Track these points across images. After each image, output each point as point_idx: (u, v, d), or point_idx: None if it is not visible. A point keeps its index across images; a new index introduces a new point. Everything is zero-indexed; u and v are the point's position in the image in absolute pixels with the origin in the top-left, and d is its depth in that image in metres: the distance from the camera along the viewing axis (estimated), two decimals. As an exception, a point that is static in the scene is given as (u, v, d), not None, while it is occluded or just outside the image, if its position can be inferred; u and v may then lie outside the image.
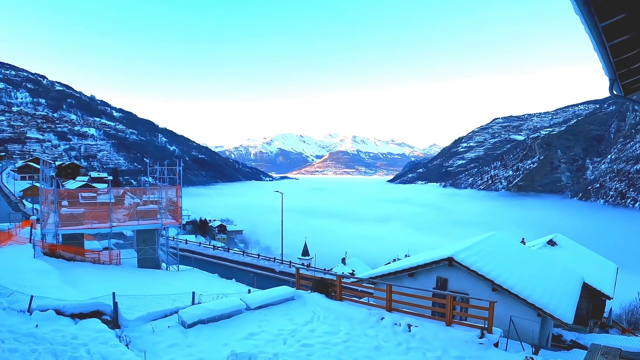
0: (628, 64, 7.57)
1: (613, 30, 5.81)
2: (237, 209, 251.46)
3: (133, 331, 16.19)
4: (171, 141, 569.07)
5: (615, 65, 7.22)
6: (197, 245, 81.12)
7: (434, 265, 24.14)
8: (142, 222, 43.27)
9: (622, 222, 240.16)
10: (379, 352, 15.60)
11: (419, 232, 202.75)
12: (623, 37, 6.16)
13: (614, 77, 7.77)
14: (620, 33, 6.02)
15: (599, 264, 45.22)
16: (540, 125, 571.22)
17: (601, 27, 5.51)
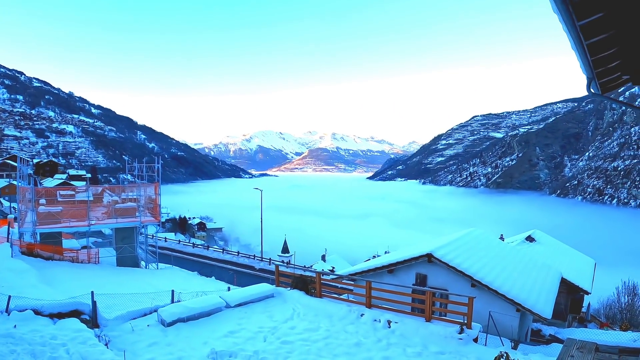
0: (605, 63, 7.66)
1: (591, 29, 5.88)
2: (216, 207, 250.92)
3: (112, 330, 16.04)
4: (150, 138, 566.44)
5: (592, 64, 7.30)
6: (177, 243, 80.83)
7: (413, 262, 24.31)
8: (121, 220, 42.84)
9: (600, 219, 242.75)
10: (359, 349, 15.64)
11: (398, 228, 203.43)
12: (600, 35, 6.24)
13: (592, 76, 7.86)
14: (597, 32, 6.09)
15: (577, 259, 45.67)
16: (519, 123, 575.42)
17: (579, 25, 5.58)
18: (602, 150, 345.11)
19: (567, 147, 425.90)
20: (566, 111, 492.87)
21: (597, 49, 6.79)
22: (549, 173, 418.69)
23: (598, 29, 6.01)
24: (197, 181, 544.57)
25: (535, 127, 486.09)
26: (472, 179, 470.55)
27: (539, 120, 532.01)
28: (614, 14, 5.64)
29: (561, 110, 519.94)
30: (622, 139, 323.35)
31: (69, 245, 43.01)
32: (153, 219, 45.68)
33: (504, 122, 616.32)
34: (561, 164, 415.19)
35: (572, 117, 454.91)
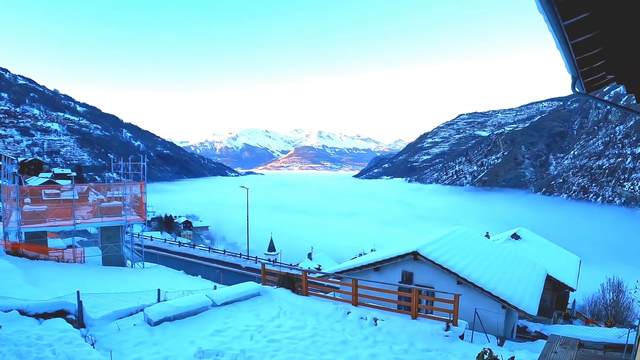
0: (590, 62, 7.72)
1: (576, 28, 5.92)
2: (202, 205, 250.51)
3: (98, 330, 15.94)
4: (136, 136, 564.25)
5: (577, 63, 7.35)
6: (163, 242, 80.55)
7: (399, 260, 24.40)
8: (106, 219, 42.68)
9: (585, 216, 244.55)
10: (345, 346, 15.69)
11: (384, 226, 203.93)
12: (586, 35, 6.30)
13: (577, 75, 7.92)
14: (583, 32, 6.14)
15: (562, 257, 46.07)
16: (505, 121, 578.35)
17: (564, 25, 5.62)
18: (587, 148, 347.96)
19: (553, 145, 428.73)
20: (552, 110, 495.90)
21: (582, 48, 6.84)
22: (534, 171, 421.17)
23: (583, 28, 6.05)
24: (183, 179, 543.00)
25: (521, 126, 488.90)
26: (458, 177, 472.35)
27: (524, 119, 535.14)
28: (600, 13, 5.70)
29: (547, 109, 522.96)
30: (607, 138, 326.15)
31: (55, 245, 42.79)
32: (139, 217, 45.53)
33: (490, 121, 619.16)
34: (546, 162, 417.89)
35: (558, 116, 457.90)
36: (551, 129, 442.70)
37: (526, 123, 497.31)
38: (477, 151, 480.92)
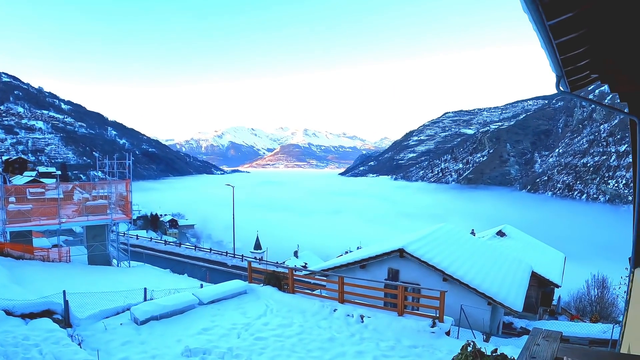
0: (575, 61, 7.81)
1: (560, 28, 5.98)
2: (188, 203, 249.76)
3: (85, 330, 15.93)
4: (121, 134, 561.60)
5: (562, 63, 7.43)
6: (149, 241, 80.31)
7: (385, 257, 24.56)
8: (92, 217, 42.44)
9: (570, 214, 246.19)
10: (332, 344, 15.77)
11: (370, 224, 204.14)
12: (570, 35, 6.36)
13: (561, 74, 7.99)
14: (567, 31, 6.20)
15: (547, 253, 46.45)
16: (490, 119, 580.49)
17: (548, 25, 5.69)
18: (572, 146, 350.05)
19: (538, 143, 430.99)
20: (537, 108, 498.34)
21: (567, 47, 6.92)
22: (519, 169, 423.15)
23: (568, 28, 6.12)
24: (169, 178, 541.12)
25: (506, 124, 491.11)
26: (444, 175, 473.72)
27: (509, 117, 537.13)
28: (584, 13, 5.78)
29: (532, 107, 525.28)
30: (592, 136, 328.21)
31: (40, 244, 42.58)
32: (124, 216, 45.41)
33: (475, 119, 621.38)
34: (531, 160, 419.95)
35: (543, 114, 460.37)
36: (536, 127, 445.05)
37: (511, 121, 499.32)
38: (463, 149, 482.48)
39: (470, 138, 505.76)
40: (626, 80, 8.44)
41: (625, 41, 7.13)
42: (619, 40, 7.10)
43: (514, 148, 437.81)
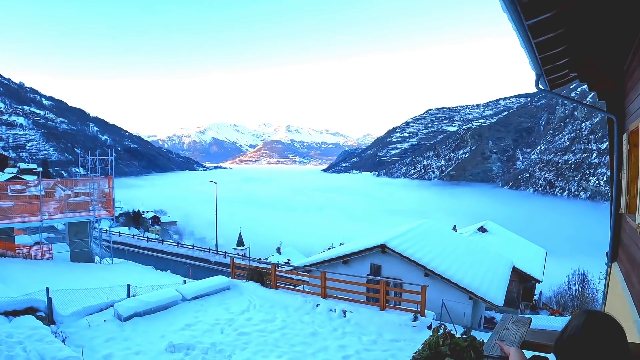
0: (554, 60, 8.00)
1: (538, 28, 6.13)
2: (170, 200, 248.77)
3: (69, 327, 15.98)
4: (103, 130, 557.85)
5: (541, 61, 7.61)
6: (131, 238, 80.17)
7: (367, 252, 24.72)
8: (74, 214, 42.24)
9: (551, 210, 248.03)
10: (315, 338, 15.92)
11: (353, 220, 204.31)
12: (548, 34, 6.52)
13: (540, 72, 8.18)
14: (546, 31, 6.36)
15: (528, 249, 46.96)
16: (473, 116, 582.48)
17: (527, 25, 5.84)
18: (554, 144, 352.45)
19: (520, 140, 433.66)
20: (519, 106, 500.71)
21: (546, 46, 7.10)
22: (501, 166, 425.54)
23: (546, 28, 6.29)
24: (151, 174, 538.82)
25: (489, 121, 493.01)
26: (426, 172, 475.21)
27: (492, 115, 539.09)
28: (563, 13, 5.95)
29: (514, 104, 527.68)
30: (573, 134, 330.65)
31: (22, 241, 42.35)
32: (107, 212, 45.28)
33: (458, 116, 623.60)
34: (513, 157, 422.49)
35: (525, 111, 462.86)
36: (518, 125, 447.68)
37: (494, 118, 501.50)
38: (445, 146, 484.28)
39: (452, 135, 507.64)
40: (604, 79, 8.68)
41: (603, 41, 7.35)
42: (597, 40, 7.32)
43: (496, 145, 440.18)
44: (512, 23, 5.62)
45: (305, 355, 14.58)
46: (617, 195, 9.06)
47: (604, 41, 7.34)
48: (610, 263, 10.41)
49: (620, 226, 9.32)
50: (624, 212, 8.31)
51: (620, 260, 9.22)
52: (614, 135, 9.21)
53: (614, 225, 9.63)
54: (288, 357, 14.43)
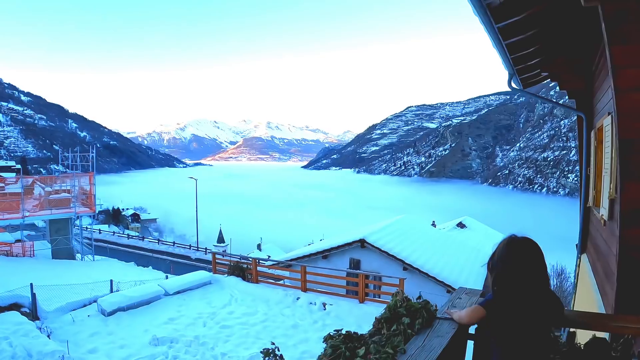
0: (525, 60, 8.42)
1: (509, 30, 6.48)
2: (150, 197, 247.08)
3: (53, 322, 16.24)
4: (82, 127, 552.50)
5: (513, 61, 8.02)
6: (111, 235, 79.95)
7: (347, 247, 25.12)
8: (56, 211, 42.20)
9: (530, 206, 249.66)
10: (296, 330, 16.34)
11: (333, 217, 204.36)
12: (518, 36, 6.90)
13: (513, 72, 8.58)
14: (515, 33, 6.73)
15: (507, 244, 47.60)
16: (453, 114, 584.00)
17: (497, 27, 6.20)
18: (533, 141, 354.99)
19: (499, 137, 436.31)
20: (498, 103, 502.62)
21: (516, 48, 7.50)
22: (481, 163, 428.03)
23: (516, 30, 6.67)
24: (131, 171, 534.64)
25: (468, 119, 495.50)
26: (406, 168, 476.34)
27: (472, 112, 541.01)
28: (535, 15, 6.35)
29: (494, 102, 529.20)
30: (552, 131, 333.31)
31: (2, 239, 42.28)
32: (88, 209, 45.30)
33: (438, 113, 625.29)
34: (493, 154, 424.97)
35: (504, 109, 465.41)
36: (498, 122, 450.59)
37: (473, 116, 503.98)
38: (425, 143, 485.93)
39: (432, 132, 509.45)
40: (574, 79, 9.13)
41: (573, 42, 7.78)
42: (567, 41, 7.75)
43: (476, 142, 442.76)
44: (484, 25, 5.99)
45: (286, 346, 14.92)
46: (586, 189, 9.52)
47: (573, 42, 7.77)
48: (580, 254, 10.87)
49: (588, 219, 9.78)
50: (591, 206, 8.76)
51: (588, 251, 9.67)
52: (583, 132, 9.68)
53: (583, 218, 10.11)
54: (270, 348, 14.81)
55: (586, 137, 9.36)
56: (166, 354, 14.19)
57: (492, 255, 2.99)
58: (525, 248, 2.85)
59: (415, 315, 2.99)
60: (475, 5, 5.33)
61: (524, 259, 2.81)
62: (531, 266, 2.80)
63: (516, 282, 2.79)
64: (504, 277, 2.85)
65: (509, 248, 2.91)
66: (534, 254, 2.82)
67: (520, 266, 2.79)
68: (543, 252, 2.87)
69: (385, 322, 3.03)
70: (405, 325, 2.89)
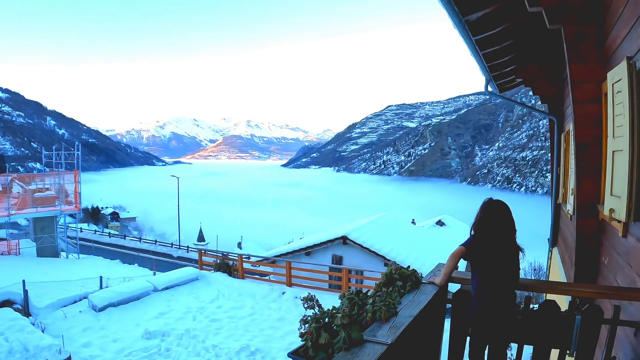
0: (501, 68, 9.16)
1: (485, 42, 7.20)
2: (129, 195, 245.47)
3: (45, 318, 16.52)
4: (61, 124, 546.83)
5: (489, 69, 8.75)
6: (93, 233, 79.82)
7: (329, 244, 25.81)
8: (41, 209, 42.22)
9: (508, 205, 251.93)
10: (283, 322, 16.99)
11: (312, 215, 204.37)
12: (494, 47, 7.60)
13: (489, 78, 9.34)
14: (490, 45, 7.44)
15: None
16: (432, 113, 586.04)
17: (475, 40, 6.88)
18: (512, 141, 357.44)
19: (478, 137, 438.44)
20: (478, 103, 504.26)
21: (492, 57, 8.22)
22: (460, 162, 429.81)
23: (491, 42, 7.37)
24: (110, 169, 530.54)
25: (448, 118, 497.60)
26: (386, 167, 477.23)
27: (451, 111, 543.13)
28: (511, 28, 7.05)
29: (473, 102, 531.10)
30: (531, 131, 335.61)
31: (-15, 238, 42.25)
32: (74, 207, 45.46)
33: (418, 112, 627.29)
34: (472, 154, 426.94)
35: (484, 109, 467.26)
36: (477, 122, 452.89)
37: (453, 115, 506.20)
38: (405, 142, 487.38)
39: (412, 131, 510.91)
40: (546, 85, 9.90)
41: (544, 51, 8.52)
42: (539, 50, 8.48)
43: (455, 141, 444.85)
44: (462, 38, 6.68)
45: (274, 337, 15.60)
46: (557, 187, 10.33)
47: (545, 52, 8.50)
48: (552, 248, 11.69)
49: (559, 215, 10.61)
50: (560, 202, 9.55)
51: (559, 245, 10.45)
52: (554, 135, 10.46)
53: (554, 214, 10.93)
54: (258, 340, 15.44)
55: (557, 139, 10.18)
56: (159, 346, 14.63)
57: (476, 216, 4.18)
58: (497, 205, 4.11)
59: (406, 280, 3.85)
60: (455, 20, 6.02)
61: (496, 212, 4.04)
62: (500, 217, 4.02)
63: (489, 227, 4.01)
64: (480, 224, 4.08)
65: (486, 205, 4.15)
66: (503, 209, 4.07)
67: (493, 217, 4.01)
68: (511, 210, 4.18)
69: (383, 285, 3.84)
70: (399, 287, 3.68)
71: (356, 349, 2.40)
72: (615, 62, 4.23)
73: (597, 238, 5.33)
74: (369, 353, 2.33)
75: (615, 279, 4.52)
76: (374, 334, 2.64)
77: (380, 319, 2.92)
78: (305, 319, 2.87)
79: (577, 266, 5.66)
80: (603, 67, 4.90)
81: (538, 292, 5.20)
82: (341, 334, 2.51)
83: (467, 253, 4.09)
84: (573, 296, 4.31)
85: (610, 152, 4.25)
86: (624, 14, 4.05)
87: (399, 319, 2.95)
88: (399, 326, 2.81)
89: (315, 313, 2.87)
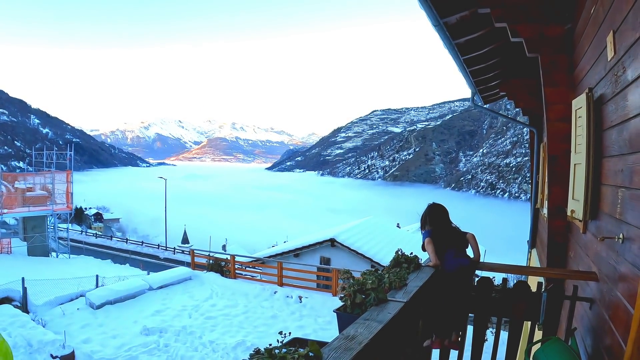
0: (486, 82, 10.04)
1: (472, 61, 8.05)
2: (113, 196, 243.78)
3: (44, 315, 17.09)
4: (44, 123, 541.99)
5: (475, 83, 9.62)
6: (80, 234, 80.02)
7: (317, 246, 26.61)
8: (33, 208, 42.56)
9: (492, 211, 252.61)
10: (275, 320, 17.81)
11: (296, 219, 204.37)
12: (479, 65, 8.44)
13: (475, 91, 10.24)
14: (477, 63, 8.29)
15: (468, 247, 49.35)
16: (417, 118, 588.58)
17: (463, 59, 7.72)
18: (496, 147, 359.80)
19: (463, 143, 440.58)
20: (463, 109, 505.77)
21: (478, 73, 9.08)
22: (444, 167, 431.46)
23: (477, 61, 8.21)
24: (93, 169, 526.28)
25: (433, 124, 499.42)
26: (370, 172, 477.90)
27: (436, 117, 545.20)
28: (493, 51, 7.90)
29: (458, 108, 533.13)
30: (515, 138, 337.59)
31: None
32: (65, 207, 45.74)
33: (403, 118, 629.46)
34: (456, 159, 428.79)
35: (468, 115, 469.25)
36: (462, 128, 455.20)
37: (438, 121, 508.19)
38: (390, 147, 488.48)
39: (397, 136, 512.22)
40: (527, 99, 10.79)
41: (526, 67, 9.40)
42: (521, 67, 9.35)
43: (440, 147, 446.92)
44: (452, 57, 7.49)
45: (268, 334, 16.31)
46: (536, 193, 11.27)
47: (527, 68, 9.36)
48: (531, 249, 12.64)
49: (537, 218, 11.53)
50: (539, 207, 10.48)
51: (537, 246, 11.36)
52: (534, 144, 11.38)
53: (533, 218, 11.89)
54: (253, 336, 16.18)
55: (537, 148, 11.08)
56: (157, 342, 15.26)
57: (422, 215, 5.68)
58: (436, 207, 5.66)
59: (411, 262, 4.83)
60: (445, 42, 6.84)
61: (437, 210, 5.57)
62: (440, 213, 5.56)
63: (435, 220, 5.47)
64: (430, 220, 5.51)
65: (429, 207, 5.70)
66: (440, 208, 5.64)
67: (435, 214, 5.53)
68: (446, 208, 5.78)
69: (392, 267, 4.78)
70: (405, 268, 4.62)
71: (383, 304, 3.29)
72: (580, 91, 5.08)
73: (565, 236, 6.27)
74: (393, 307, 3.22)
75: (577, 268, 5.42)
76: (393, 296, 3.54)
77: (395, 287, 3.90)
78: (343, 286, 3.83)
79: (549, 260, 6.61)
80: (572, 91, 5.77)
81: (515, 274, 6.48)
82: (371, 295, 3.42)
83: (432, 239, 5.34)
84: (543, 278, 5.36)
85: (572, 164, 5.15)
86: (588, 52, 4.91)
87: (409, 288, 3.93)
88: (410, 291, 3.77)
89: (351, 282, 3.80)
